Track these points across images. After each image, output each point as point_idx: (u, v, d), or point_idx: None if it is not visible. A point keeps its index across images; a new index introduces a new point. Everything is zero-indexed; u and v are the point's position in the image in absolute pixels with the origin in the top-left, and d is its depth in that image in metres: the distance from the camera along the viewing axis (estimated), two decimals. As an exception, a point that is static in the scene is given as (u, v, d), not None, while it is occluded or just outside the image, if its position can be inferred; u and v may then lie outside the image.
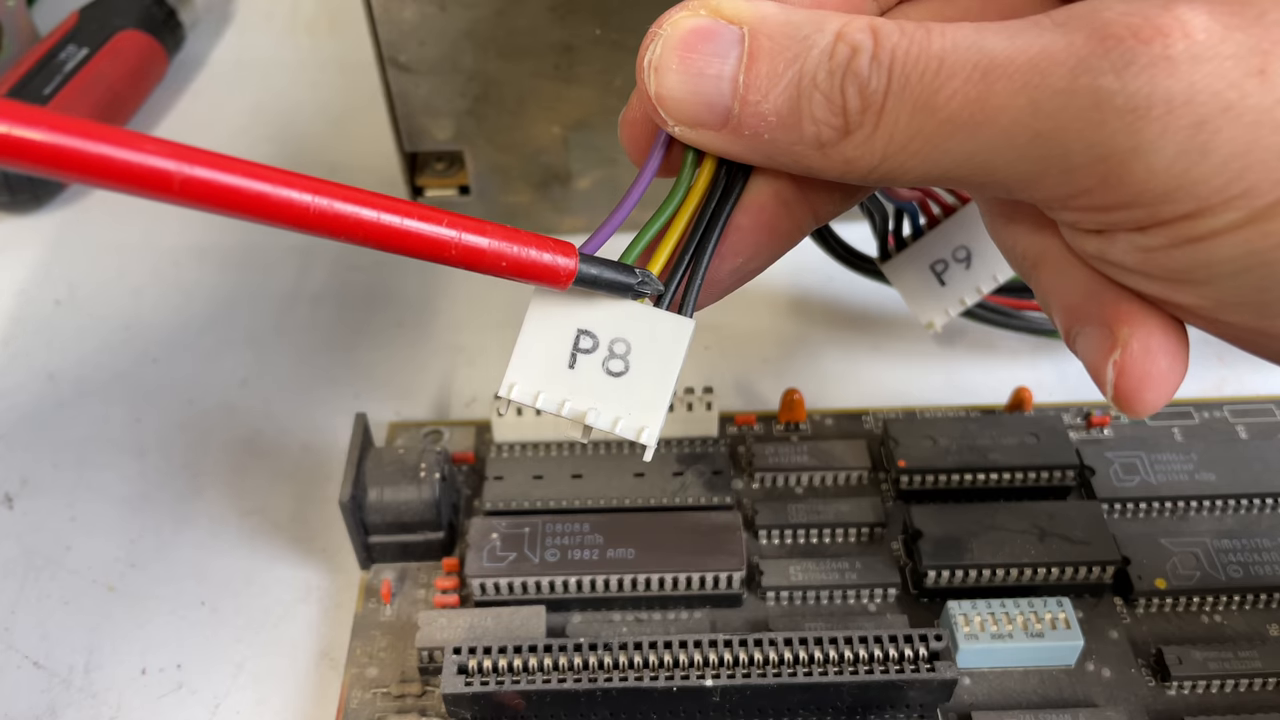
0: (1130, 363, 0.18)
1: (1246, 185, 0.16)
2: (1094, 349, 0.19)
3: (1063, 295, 0.20)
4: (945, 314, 0.29)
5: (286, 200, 0.15)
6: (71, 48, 0.44)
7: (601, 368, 0.19)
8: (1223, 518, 0.30)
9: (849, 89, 0.17)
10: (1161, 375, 0.18)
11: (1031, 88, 0.16)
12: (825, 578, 0.29)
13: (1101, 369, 0.19)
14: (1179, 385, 0.19)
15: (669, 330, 0.19)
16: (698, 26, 0.18)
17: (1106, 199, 0.17)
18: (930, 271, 0.29)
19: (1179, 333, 0.19)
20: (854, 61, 0.17)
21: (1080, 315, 0.19)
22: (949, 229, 0.28)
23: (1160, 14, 0.16)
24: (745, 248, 0.21)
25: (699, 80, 0.18)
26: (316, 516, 0.32)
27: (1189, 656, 0.27)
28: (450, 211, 0.17)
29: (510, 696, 0.25)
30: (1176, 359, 0.19)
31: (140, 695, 0.28)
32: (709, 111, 0.19)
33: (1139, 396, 0.19)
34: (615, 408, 0.19)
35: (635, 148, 0.21)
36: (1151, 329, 0.19)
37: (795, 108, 0.18)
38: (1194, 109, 0.16)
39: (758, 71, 0.18)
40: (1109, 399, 0.19)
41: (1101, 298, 0.19)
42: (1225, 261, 0.17)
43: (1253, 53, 0.16)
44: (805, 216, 0.21)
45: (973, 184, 0.19)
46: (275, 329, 0.38)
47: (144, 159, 0.14)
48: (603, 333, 0.19)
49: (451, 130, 0.37)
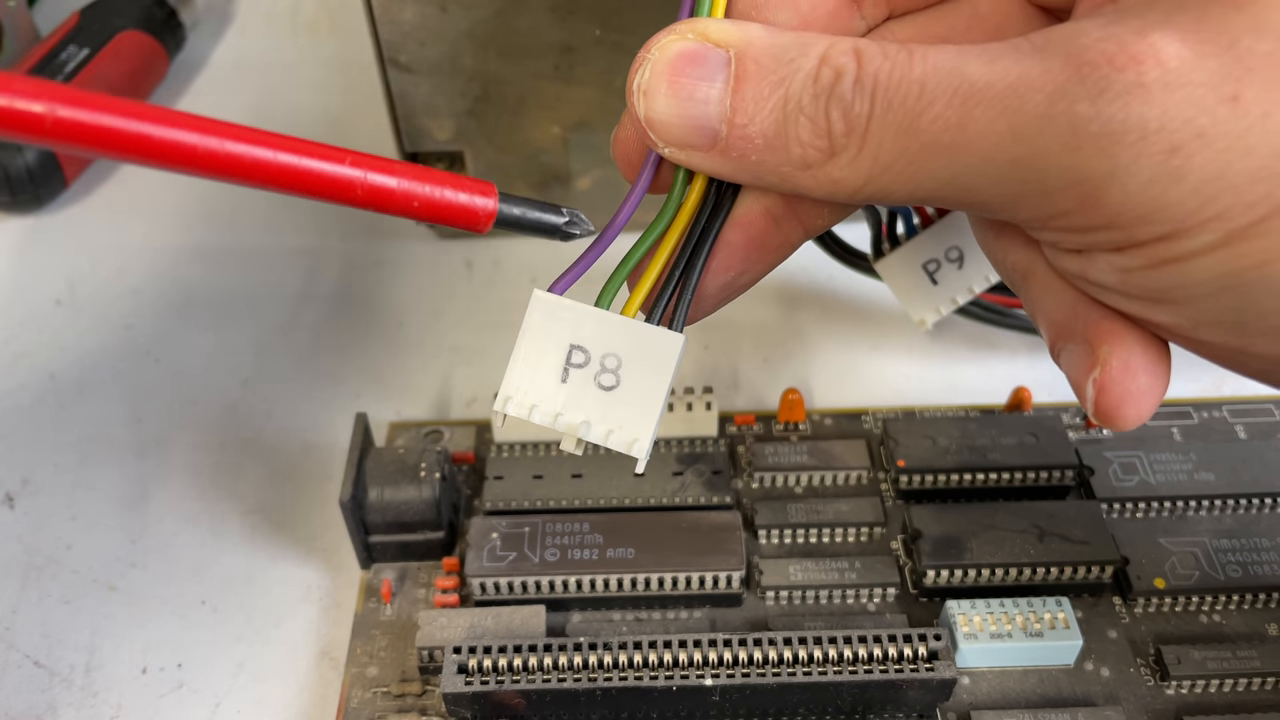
0: (1109, 380, 0.19)
1: (1220, 208, 0.16)
2: (1076, 365, 0.19)
3: (1048, 311, 0.20)
4: (937, 312, 0.29)
5: (171, 141, 0.14)
6: (72, 48, 0.44)
7: (594, 382, 0.20)
8: (1222, 517, 0.30)
9: (833, 112, 0.18)
10: (1140, 393, 0.19)
11: (1010, 113, 0.17)
12: (825, 577, 0.29)
13: (1083, 385, 0.19)
14: (1159, 401, 0.19)
15: (659, 345, 0.20)
16: (685, 50, 0.19)
17: (1084, 221, 0.17)
18: (923, 270, 0.29)
19: (1160, 350, 0.19)
20: (838, 85, 0.18)
21: (1064, 331, 0.20)
22: (942, 229, 0.28)
23: (1135, 41, 0.16)
24: (735, 263, 0.21)
25: (687, 104, 0.19)
26: (317, 516, 0.32)
27: (1188, 656, 0.27)
28: (356, 151, 0.17)
29: (510, 696, 0.25)
30: (1156, 377, 0.19)
31: (141, 694, 0.28)
32: (697, 134, 0.19)
33: (1118, 413, 0.19)
34: (607, 422, 0.20)
35: (627, 164, 0.21)
36: (1131, 347, 0.19)
37: (781, 130, 0.18)
38: (1167, 135, 0.16)
39: (744, 95, 0.18)
40: (1090, 414, 0.19)
41: (1084, 315, 0.19)
42: (1201, 283, 0.17)
43: (1225, 80, 0.16)
44: (795, 231, 0.21)
45: (957, 204, 0.19)
46: (276, 329, 0.38)
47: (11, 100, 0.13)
48: (594, 348, 0.20)
49: (451, 130, 0.37)
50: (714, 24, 0.19)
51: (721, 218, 0.20)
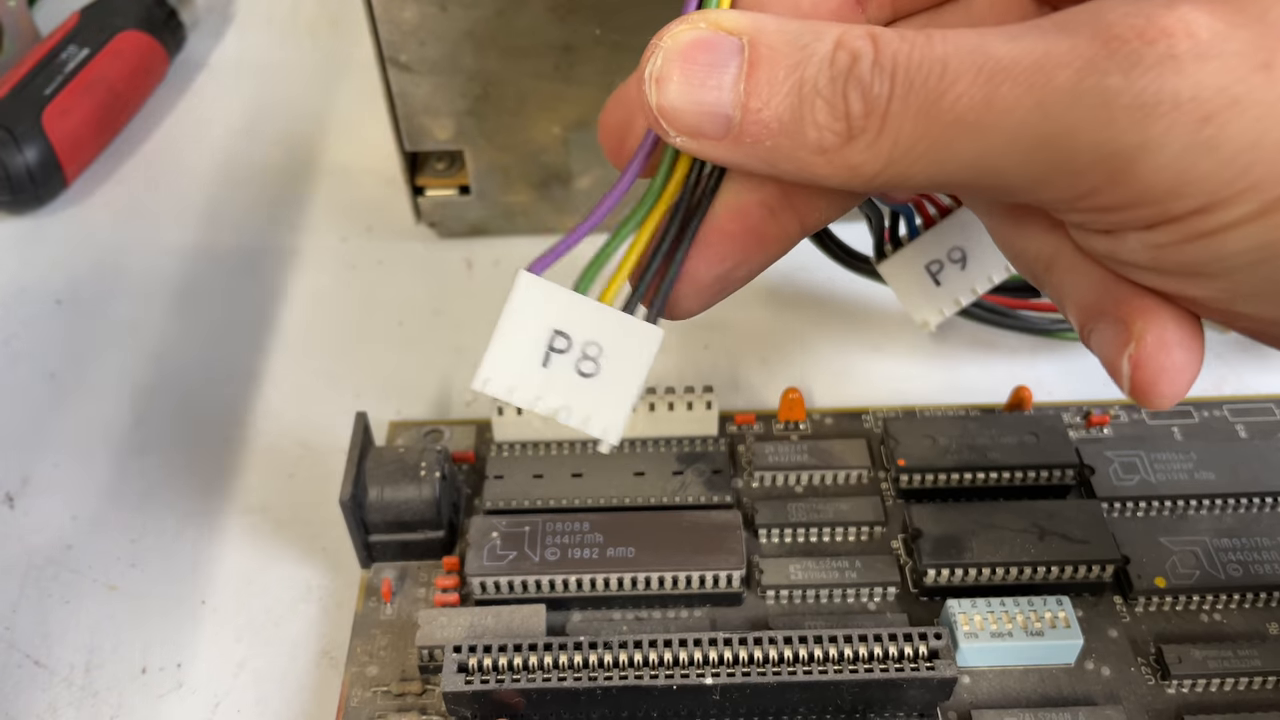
0: (1145, 357, 0.19)
1: (1255, 179, 0.16)
2: (1109, 344, 0.19)
3: (1077, 294, 0.20)
4: (940, 313, 0.29)
5: None
6: (72, 48, 0.44)
7: (574, 369, 0.20)
8: (1222, 517, 0.30)
9: (851, 94, 0.18)
10: (1177, 368, 0.19)
11: (1038, 89, 0.16)
12: (825, 576, 0.29)
13: (1117, 364, 0.19)
14: (1194, 377, 0.19)
15: (639, 338, 0.20)
16: (698, 38, 0.19)
17: (1115, 198, 0.17)
18: (925, 272, 0.29)
19: (1193, 326, 0.19)
20: (856, 67, 0.18)
21: (1095, 313, 0.20)
22: (945, 230, 0.28)
23: (1164, 15, 0.16)
24: (731, 254, 0.21)
25: (699, 90, 0.18)
26: (317, 515, 0.32)
27: (1188, 655, 0.27)
28: None
29: (510, 695, 0.25)
30: (1191, 352, 0.19)
31: (141, 694, 0.28)
32: (710, 120, 0.19)
33: (1155, 389, 0.19)
34: (584, 407, 0.20)
35: (613, 149, 0.21)
36: (1165, 322, 0.19)
37: (797, 114, 0.18)
38: (1200, 105, 0.16)
39: (758, 79, 0.18)
40: (1126, 392, 0.19)
41: (1115, 294, 0.19)
42: (1237, 254, 0.17)
43: (1258, 49, 0.16)
44: (792, 225, 0.21)
45: (979, 188, 0.19)
46: (276, 328, 0.38)
47: None
48: (576, 335, 0.20)
49: (452, 130, 0.37)
50: (725, 13, 0.19)
51: (705, 204, 0.21)
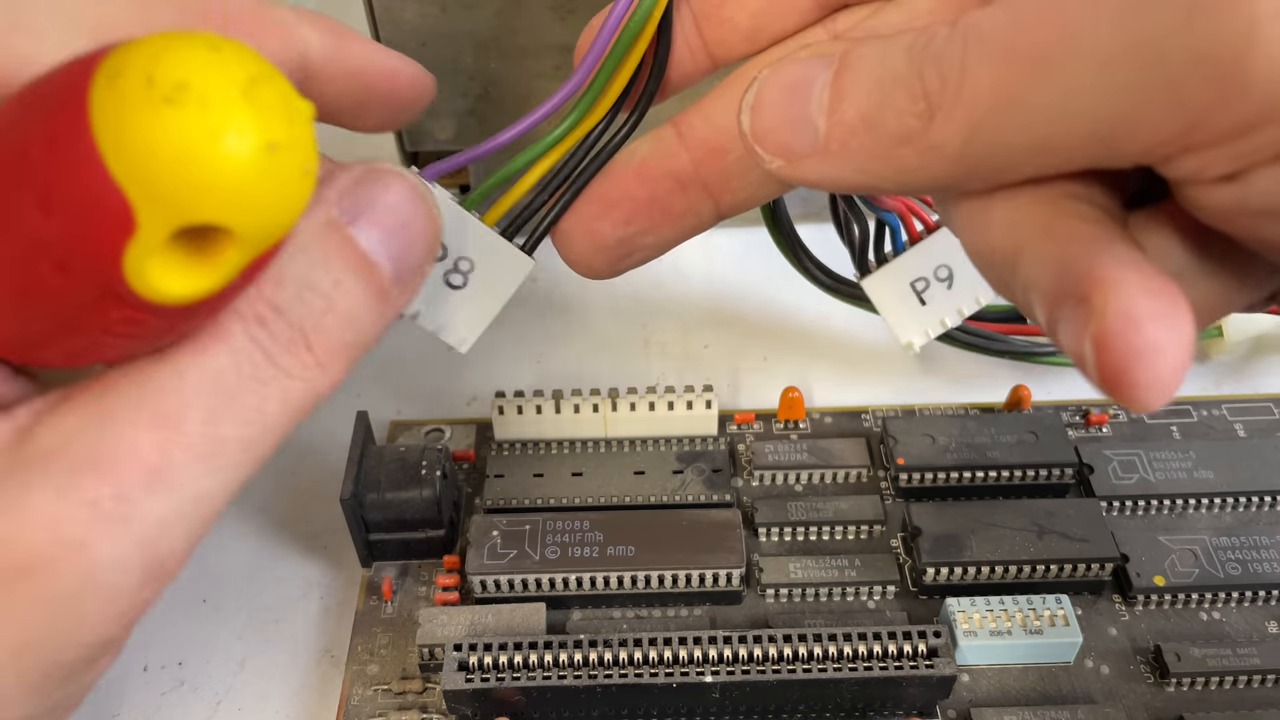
0: (1108, 334, 0.14)
1: None
2: (1071, 332, 0.15)
3: (1041, 284, 0.17)
4: (925, 334, 0.28)
5: None
6: (73, 48, 0.44)
7: (441, 278, 0.21)
8: (1221, 515, 0.30)
9: (928, 70, 0.17)
10: (1150, 350, 0.14)
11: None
12: (825, 575, 0.29)
13: (1080, 349, 0.15)
14: (1179, 366, 0.15)
15: (510, 263, 0.21)
16: (792, 63, 0.19)
17: (1230, 118, 0.14)
18: (911, 289, 0.28)
19: (1172, 297, 0.15)
20: (932, 42, 0.17)
21: (1058, 299, 0.16)
22: (931, 246, 0.28)
23: None
24: (636, 219, 0.21)
25: (789, 107, 0.19)
26: (318, 514, 0.32)
27: (1187, 654, 0.27)
28: None
29: (510, 693, 0.25)
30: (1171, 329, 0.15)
31: (142, 692, 0.28)
32: (798, 133, 0.19)
33: (1129, 377, 0.14)
34: (442, 317, 0.21)
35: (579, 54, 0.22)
36: (1131, 292, 0.15)
37: (877, 104, 0.18)
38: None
39: (842, 82, 0.18)
40: (1096, 383, 0.15)
41: (1075, 270, 0.16)
42: None
43: None
44: (703, 202, 0.21)
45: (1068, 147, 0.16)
46: (276, 328, 0.38)
47: None
48: (453, 247, 0.21)
49: (452, 130, 0.37)
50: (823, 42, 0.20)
51: (607, 151, 0.21)
